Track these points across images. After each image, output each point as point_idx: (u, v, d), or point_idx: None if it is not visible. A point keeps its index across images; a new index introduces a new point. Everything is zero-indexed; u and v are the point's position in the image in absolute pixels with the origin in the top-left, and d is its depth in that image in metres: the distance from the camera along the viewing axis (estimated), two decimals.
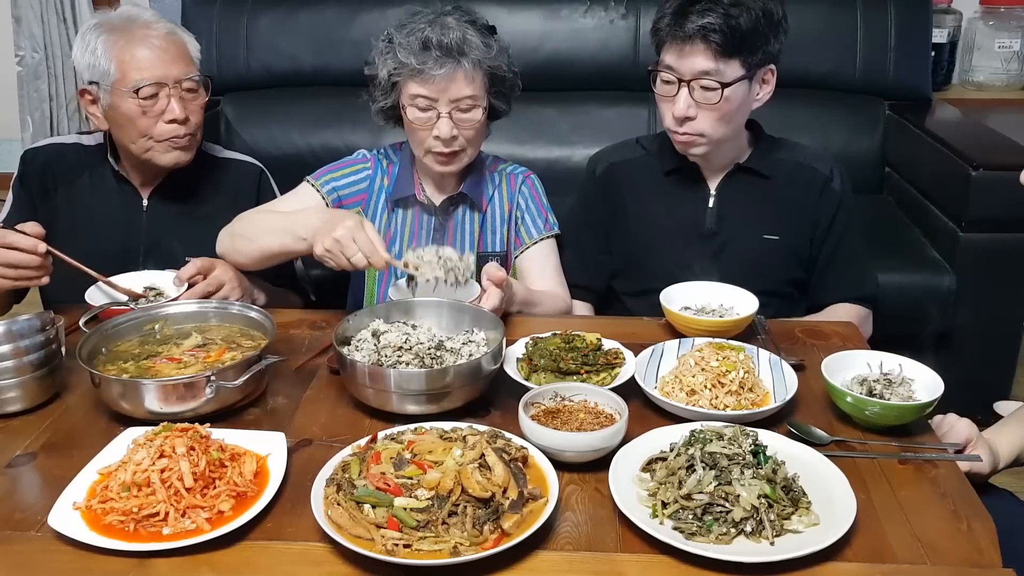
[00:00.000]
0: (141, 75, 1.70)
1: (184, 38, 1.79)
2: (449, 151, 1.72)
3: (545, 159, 2.86)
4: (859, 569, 1.00)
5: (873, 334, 1.77)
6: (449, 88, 1.66)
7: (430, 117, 1.69)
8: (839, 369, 1.33)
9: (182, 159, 1.80)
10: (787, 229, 1.76)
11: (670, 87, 1.65)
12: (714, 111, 1.62)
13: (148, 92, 1.71)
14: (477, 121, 1.71)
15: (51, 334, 1.36)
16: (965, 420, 1.32)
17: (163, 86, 1.72)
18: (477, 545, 1.00)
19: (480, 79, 1.69)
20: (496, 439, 1.15)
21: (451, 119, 1.68)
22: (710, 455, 1.10)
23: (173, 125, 1.74)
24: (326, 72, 2.95)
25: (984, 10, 3.37)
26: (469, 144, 1.74)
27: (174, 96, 1.73)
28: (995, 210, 2.33)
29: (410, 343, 1.36)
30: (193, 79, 1.77)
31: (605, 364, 1.38)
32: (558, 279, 1.87)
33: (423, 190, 1.83)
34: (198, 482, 1.08)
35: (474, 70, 1.67)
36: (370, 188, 1.86)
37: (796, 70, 2.81)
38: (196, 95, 1.78)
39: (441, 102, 1.67)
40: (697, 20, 1.57)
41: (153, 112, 1.73)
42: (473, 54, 1.66)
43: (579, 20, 2.95)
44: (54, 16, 3.56)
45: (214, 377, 1.25)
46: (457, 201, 1.83)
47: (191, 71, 1.76)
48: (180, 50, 1.76)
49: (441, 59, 1.64)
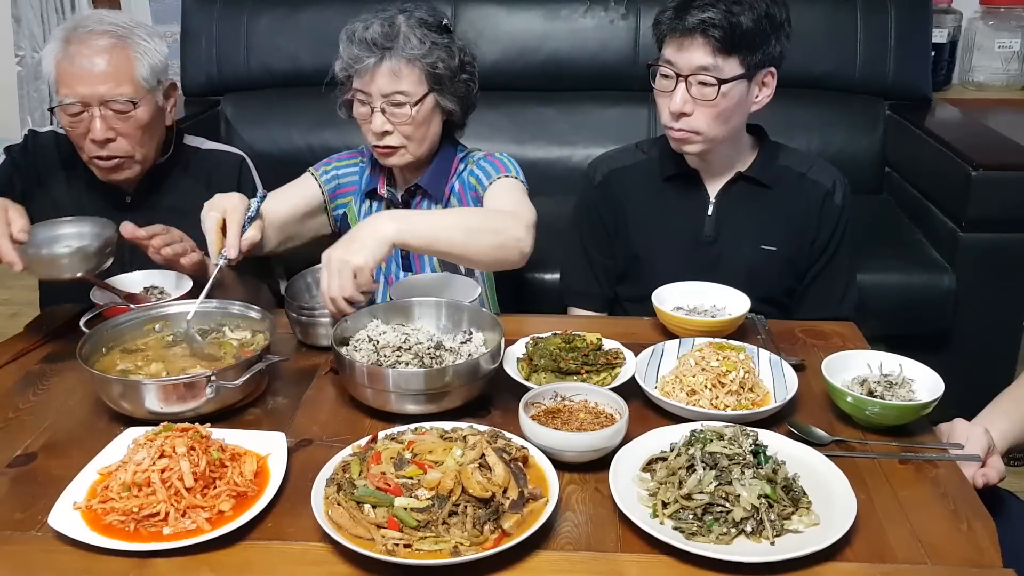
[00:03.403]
0: (67, 91, 1.65)
1: (132, 52, 1.69)
2: (384, 145, 1.72)
3: (545, 159, 2.86)
4: (859, 569, 1.00)
5: (873, 334, 1.76)
6: (375, 81, 1.67)
7: (366, 112, 1.71)
8: (839, 369, 1.33)
9: (114, 179, 1.75)
10: (785, 240, 1.75)
11: (668, 82, 1.65)
12: (710, 108, 1.62)
13: (73, 110, 1.66)
14: (408, 117, 1.69)
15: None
16: (979, 428, 1.27)
17: (88, 105, 1.66)
18: (477, 545, 1.00)
19: (413, 75, 1.68)
20: (496, 439, 1.15)
21: (384, 114, 1.69)
22: (710, 455, 1.10)
23: (95, 146, 1.69)
24: (326, 72, 2.89)
25: (984, 10, 3.37)
26: (409, 139, 1.73)
27: (97, 116, 1.66)
28: (995, 210, 2.33)
29: (409, 343, 1.36)
30: (121, 100, 1.67)
31: (605, 364, 1.38)
32: (523, 207, 1.68)
33: (385, 183, 1.85)
34: (198, 482, 1.08)
35: (403, 65, 1.67)
36: (358, 182, 1.89)
37: (796, 70, 2.80)
38: (127, 116, 1.69)
39: (373, 97, 1.69)
40: (698, 14, 1.57)
41: (81, 128, 1.68)
42: (403, 51, 1.66)
43: (579, 20, 2.95)
44: (54, 16, 3.56)
45: (214, 377, 1.25)
46: (415, 193, 1.84)
47: (123, 91, 1.67)
48: (116, 67, 1.67)
49: (365, 53, 1.66)
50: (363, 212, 1.88)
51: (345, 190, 1.88)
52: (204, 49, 3.03)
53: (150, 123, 1.74)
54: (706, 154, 1.71)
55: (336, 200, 1.88)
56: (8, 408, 1.35)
